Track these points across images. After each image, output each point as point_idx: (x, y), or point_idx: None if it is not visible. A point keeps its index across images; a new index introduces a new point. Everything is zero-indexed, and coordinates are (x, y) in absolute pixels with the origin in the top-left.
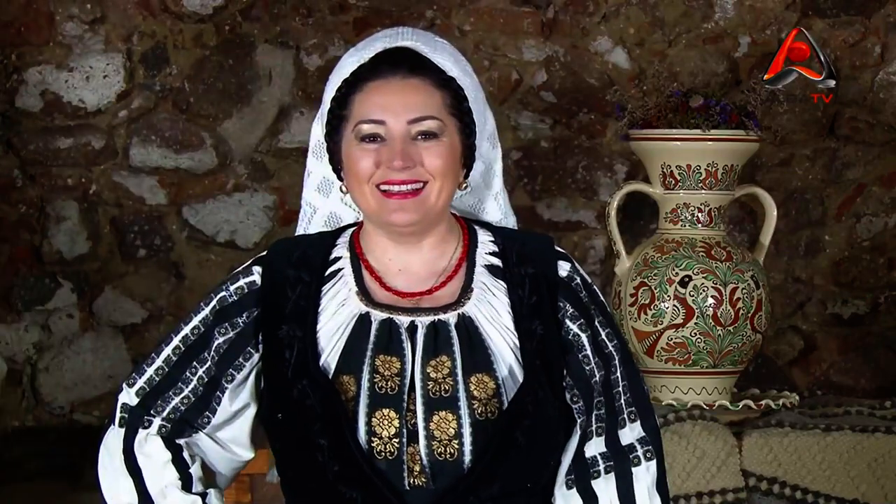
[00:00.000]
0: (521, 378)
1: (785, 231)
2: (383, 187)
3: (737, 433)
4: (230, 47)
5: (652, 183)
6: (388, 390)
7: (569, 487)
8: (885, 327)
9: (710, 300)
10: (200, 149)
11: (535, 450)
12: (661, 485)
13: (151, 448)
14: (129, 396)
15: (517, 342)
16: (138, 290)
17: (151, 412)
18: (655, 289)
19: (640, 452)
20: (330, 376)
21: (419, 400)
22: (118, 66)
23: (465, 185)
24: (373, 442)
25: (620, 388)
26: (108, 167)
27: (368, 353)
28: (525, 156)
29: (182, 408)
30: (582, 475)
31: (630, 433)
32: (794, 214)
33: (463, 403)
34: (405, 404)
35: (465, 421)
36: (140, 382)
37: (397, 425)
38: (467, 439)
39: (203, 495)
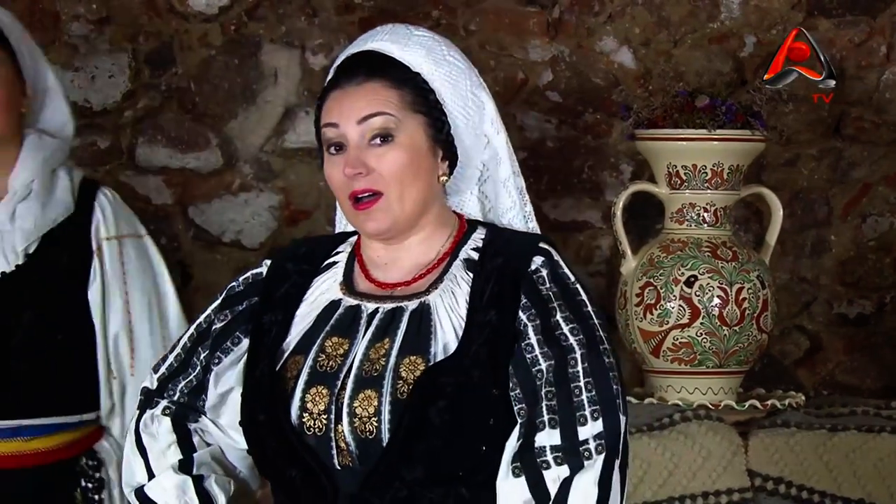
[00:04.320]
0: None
1: (791, 231)
2: (355, 198)
3: (742, 433)
4: (236, 47)
5: (658, 183)
6: (328, 369)
7: (515, 475)
8: (890, 327)
9: (716, 300)
10: (206, 149)
11: (457, 433)
12: (604, 480)
13: (157, 428)
14: (150, 381)
15: (463, 329)
16: None
17: (164, 395)
18: (661, 288)
19: (591, 446)
20: (286, 356)
21: (351, 379)
22: (124, 65)
23: (445, 178)
24: (303, 417)
25: (582, 384)
26: (113, 167)
27: (322, 335)
28: (530, 155)
29: (186, 391)
30: (530, 464)
31: (590, 430)
32: (800, 214)
33: (387, 382)
34: (339, 382)
35: (385, 399)
36: (162, 368)
37: (326, 402)
38: (385, 417)
39: (201, 477)
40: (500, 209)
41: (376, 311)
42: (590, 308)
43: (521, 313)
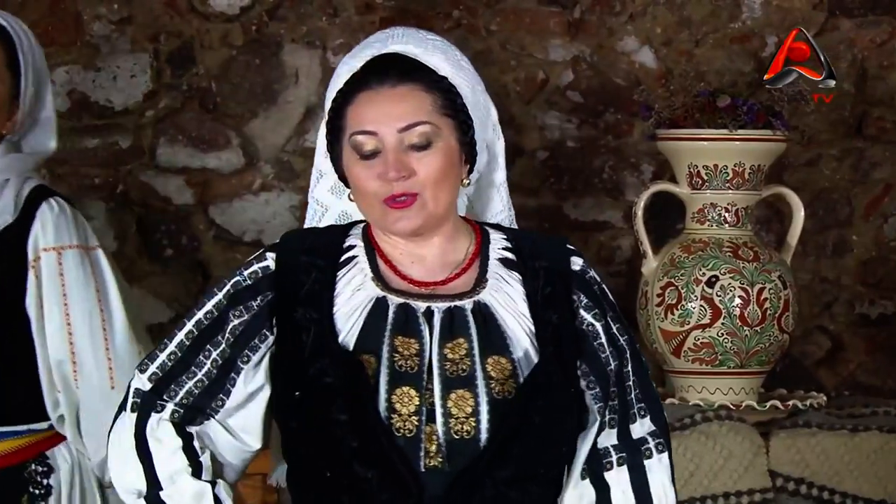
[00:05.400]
0: (535, 360)
1: (812, 231)
2: (388, 202)
3: (764, 433)
4: (257, 47)
5: (679, 183)
6: (408, 369)
7: (583, 478)
8: None
9: (737, 300)
10: (227, 148)
11: (547, 433)
12: (673, 478)
13: (163, 433)
14: (141, 382)
15: (533, 328)
16: (165, 289)
17: (164, 397)
18: (682, 289)
19: (651, 445)
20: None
21: (437, 379)
22: (145, 65)
23: (467, 181)
24: (392, 418)
25: (631, 383)
26: (134, 167)
27: (387, 334)
28: (551, 155)
29: (196, 391)
30: (595, 465)
31: (641, 428)
32: (822, 214)
33: (480, 382)
34: (424, 383)
35: (483, 399)
36: (153, 368)
37: (417, 403)
38: (484, 417)
39: (213, 483)
40: (492, 210)
41: (429, 310)
42: (618, 309)
43: (583, 312)
